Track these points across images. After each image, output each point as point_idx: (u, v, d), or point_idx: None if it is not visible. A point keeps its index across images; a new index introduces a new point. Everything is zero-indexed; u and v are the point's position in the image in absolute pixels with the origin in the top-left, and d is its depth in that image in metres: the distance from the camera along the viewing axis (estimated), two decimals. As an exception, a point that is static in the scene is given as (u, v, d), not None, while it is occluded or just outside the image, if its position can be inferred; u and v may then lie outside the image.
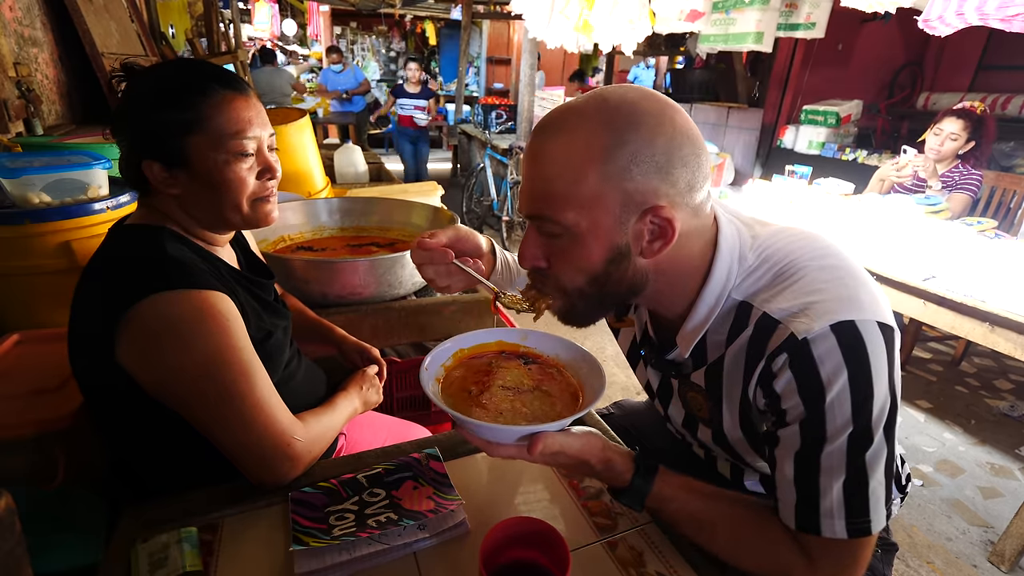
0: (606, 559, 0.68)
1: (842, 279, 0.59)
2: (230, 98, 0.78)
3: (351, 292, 1.23)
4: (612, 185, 0.57)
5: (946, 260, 1.97)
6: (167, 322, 0.69)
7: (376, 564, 0.66)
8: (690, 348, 0.68)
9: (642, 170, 0.56)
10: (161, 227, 0.79)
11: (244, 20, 8.55)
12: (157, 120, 0.75)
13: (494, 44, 9.82)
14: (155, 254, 0.73)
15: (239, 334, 0.74)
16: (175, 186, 0.78)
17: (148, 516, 0.72)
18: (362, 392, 1.00)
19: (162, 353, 0.69)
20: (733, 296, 0.64)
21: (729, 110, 4.81)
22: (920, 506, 1.94)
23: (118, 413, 0.77)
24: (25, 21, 2.14)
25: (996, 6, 2.02)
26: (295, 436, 0.77)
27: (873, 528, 0.58)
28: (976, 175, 2.45)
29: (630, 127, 0.56)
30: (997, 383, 2.75)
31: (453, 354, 0.78)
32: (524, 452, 0.62)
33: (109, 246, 0.78)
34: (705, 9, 3.38)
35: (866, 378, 0.55)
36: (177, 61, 0.85)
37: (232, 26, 3.63)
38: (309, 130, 1.94)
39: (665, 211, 0.58)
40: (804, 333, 0.56)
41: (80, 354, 0.76)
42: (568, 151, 0.58)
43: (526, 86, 5.03)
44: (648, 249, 0.60)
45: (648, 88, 0.61)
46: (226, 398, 0.71)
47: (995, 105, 3.79)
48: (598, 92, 0.60)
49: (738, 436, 0.69)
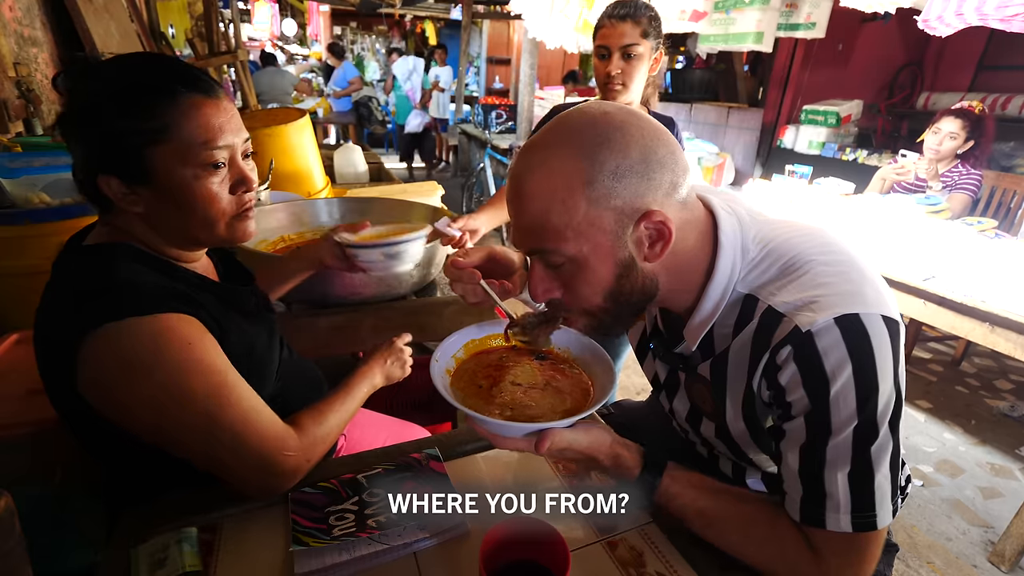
0: (606, 559, 0.68)
1: (847, 273, 0.60)
2: (198, 102, 0.68)
3: (351, 292, 1.23)
4: (601, 206, 0.58)
5: (946, 260, 1.96)
6: (122, 354, 0.63)
7: (376, 564, 0.66)
8: (697, 341, 0.69)
9: (625, 184, 0.57)
10: (116, 245, 0.71)
11: (244, 20, 8.56)
12: (113, 129, 0.65)
13: (494, 44, 9.82)
14: (102, 283, 0.65)
15: (206, 355, 0.67)
16: (137, 204, 0.69)
17: (148, 516, 0.72)
18: (385, 367, 0.95)
19: (121, 387, 0.64)
20: (738, 289, 0.65)
21: (729, 110, 4.81)
22: (920, 506, 1.94)
23: (94, 433, 0.73)
24: (25, 21, 2.14)
25: (996, 6, 2.02)
26: (286, 451, 0.71)
27: (879, 523, 0.58)
28: (976, 175, 2.45)
29: (601, 146, 0.57)
30: (997, 383, 2.75)
31: (464, 345, 0.78)
32: (532, 446, 0.63)
33: (58, 275, 0.71)
34: (706, 9, 3.38)
35: (871, 371, 0.55)
36: (134, 57, 0.70)
37: (232, 26, 3.63)
38: (309, 130, 1.94)
39: (657, 215, 0.59)
40: (808, 326, 0.56)
41: (46, 380, 0.70)
42: (550, 185, 0.58)
43: (526, 86, 5.03)
44: (651, 254, 0.61)
45: (602, 101, 0.63)
46: (200, 424, 0.66)
47: (995, 105, 3.78)
48: (558, 120, 0.61)
49: (741, 429, 0.69)
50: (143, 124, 0.66)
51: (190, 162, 0.69)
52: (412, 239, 1.06)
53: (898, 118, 4.44)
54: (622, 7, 1.39)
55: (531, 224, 0.61)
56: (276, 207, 1.50)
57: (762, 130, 4.50)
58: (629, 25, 1.37)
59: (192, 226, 0.73)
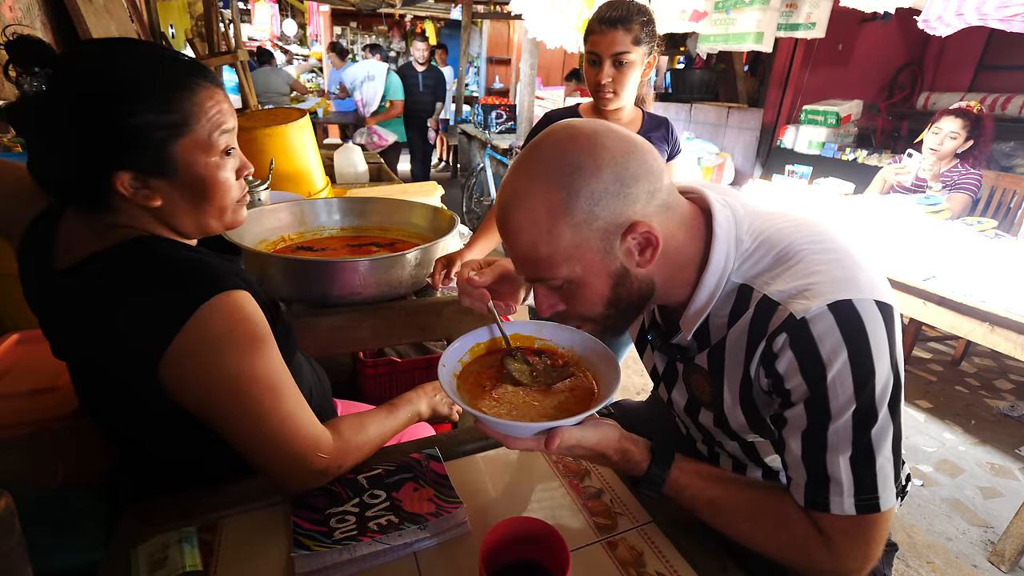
0: (606, 559, 0.68)
1: (839, 261, 0.61)
2: (211, 92, 0.69)
3: (351, 292, 1.23)
4: (585, 231, 0.60)
5: (946, 260, 1.96)
6: (214, 331, 0.64)
7: (376, 564, 0.66)
8: (692, 330, 0.70)
9: (603, 205, 0.59)
10: (143, 239, 0.69)
11: (244, 20, 8.56)
12: (137, 123, 0.63)
13: (494, 44, 9.81)
14: (172, 271, 0.65)
15: (269, 333, 0.69)
16: (154, 198, 0.68)
17: (148, 516, 0.72)
18: (434, 399, 0.95)
19: (210, 364, 0.65)
20: (732, 279, 0.66)
21: (729, 110, 4.81)
22: (920, 506, 1.94)
23: (130, 423, 0.75)
24: (25, 21, 2.14)
25: (995, 6, 2.02)
26: (319, 451, 0.71)
27: (882, 505, 0.58)
28: (975, 175, 2.45)
29: (573, 175, 0.59)
30: (997, 383, 2.75)
31: (470, 349, 0.79)
32: (542, 445, 0.64)
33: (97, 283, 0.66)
34: (706, 9, 3.38)
35: (866, 355, 0.56)
36: (120, 47, 0.66)
37: (232, 26, 3.63)
38: (309, 130, 1.94)
39: (641, 226, 0.61)
40: (802, 313, 0.57)
41: (101, 377, 0.71)
42: (532, 220, 0.61)
43: (526, 86, 5.03)
44: (642, 260, 0.64)
45: (566, 121, 0.64)
46: (255, 407, 0.67)
47: (995, 105, 3.78)
48: (532, 149, 0.63)
49: (739, 417, 0.70)
50: (169, 117, 0.65)
51: (212, 150, 0.70)
52: None
53: (898, 118, 4.44)
54: (613, 10, 1.34)
55: (524, 256, 0.64)
56: (276, 207, 1.50)
57: (762, 130, 4.50)
58: (620, 32, 1.32)
59: (208, 214, 0.73)
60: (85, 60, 0.65)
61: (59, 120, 0.63)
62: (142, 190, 0.67)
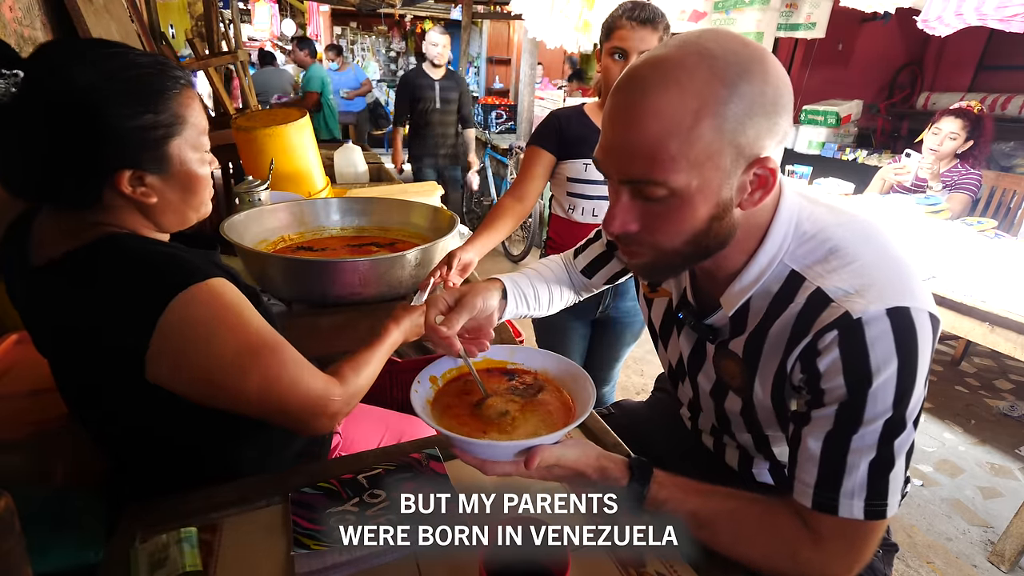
0: (606, 559, 0.68)
1: (898, 267, 0.59)
2: (191, 92, 0.73)
3: (351, 292, 1.23)
4: (727, 141, 0.54)
5: (946, 260, 1.97)
6: (195, 319, 0.66)
7: (376, 564, 0.66)
8: (735, 307, 0.67)
9: (754, 122, 0.54)
10: (119, 236, 0.70)
11: (244, 20, 8.54)
12: (136, 124, 0.66)
13: (494, 44, 9.81)
14: (146, 266, 0.67)
15: (254, 312, 0.72)
16: (151, 195, 0.71)
17: (148, 516, 0.72)
18: (406, 329, 0.95)
19: (198, 350, 0.67)
20: (785, 261, 0.64)
21: (729, 110, 4.80)
22: (920, 506, 1.94)
23: (120, 425, 0.76)
24: (25, 21, 2.14)
25: (995, 6, 2.02)
26: (332, 396, 0.76)
27: (888, 512, 0.58)
28: (975, 175, 2.45)
29: (742, 77, 0.53)
30: (997, 383, 2.75)
31: (442, 374, 0.79)
32: (520, 467, 0.63)
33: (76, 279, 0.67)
34: (706, 9, 3.38)
35: (913, 368, 0.55)
36: (95, 49, 0.67)
37: (232, 26, 3.63)
38: (309, 130, 1.94)
39: (770, 161, 0.57)
40: (859, 313, 0.54)
41: (83, 374, 0.72)
42: (679, 107, 0.53)
43: (526, 86, 5.02)
44: (749, 200, 0.59)
45: (731, 31, 0.59)
46: (260, 375, 0.70)
47: (995, 105, 3.79)
48: (692, 41, 0.55)
49: (767, 407, 0.69)
50: (164, 117, 0.69)
51: (197, 147, 0.74)
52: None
53: (898, 118, 4.44)
54: (643, 11, 1.36)
55: (641, 147, 0.55)
56: (276, 207, 1.50)
57: (762, 130, 4.50)
58: (649, 31, 1.35)
59: (191, 208, 0.77)
60: (77, 61, 0.65)
61: (54, 123, 0.64)
62: (140, 188, 0.70)
